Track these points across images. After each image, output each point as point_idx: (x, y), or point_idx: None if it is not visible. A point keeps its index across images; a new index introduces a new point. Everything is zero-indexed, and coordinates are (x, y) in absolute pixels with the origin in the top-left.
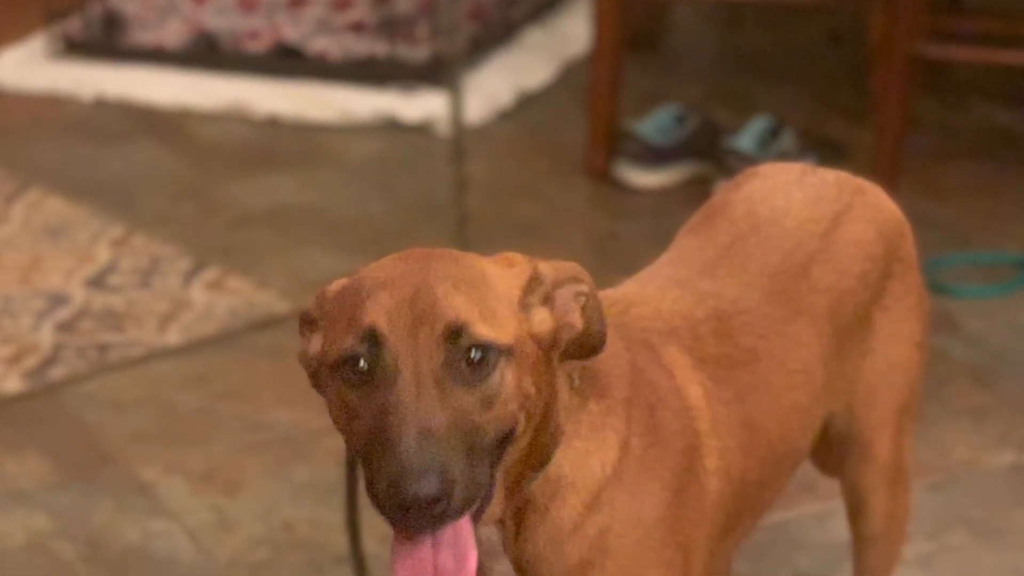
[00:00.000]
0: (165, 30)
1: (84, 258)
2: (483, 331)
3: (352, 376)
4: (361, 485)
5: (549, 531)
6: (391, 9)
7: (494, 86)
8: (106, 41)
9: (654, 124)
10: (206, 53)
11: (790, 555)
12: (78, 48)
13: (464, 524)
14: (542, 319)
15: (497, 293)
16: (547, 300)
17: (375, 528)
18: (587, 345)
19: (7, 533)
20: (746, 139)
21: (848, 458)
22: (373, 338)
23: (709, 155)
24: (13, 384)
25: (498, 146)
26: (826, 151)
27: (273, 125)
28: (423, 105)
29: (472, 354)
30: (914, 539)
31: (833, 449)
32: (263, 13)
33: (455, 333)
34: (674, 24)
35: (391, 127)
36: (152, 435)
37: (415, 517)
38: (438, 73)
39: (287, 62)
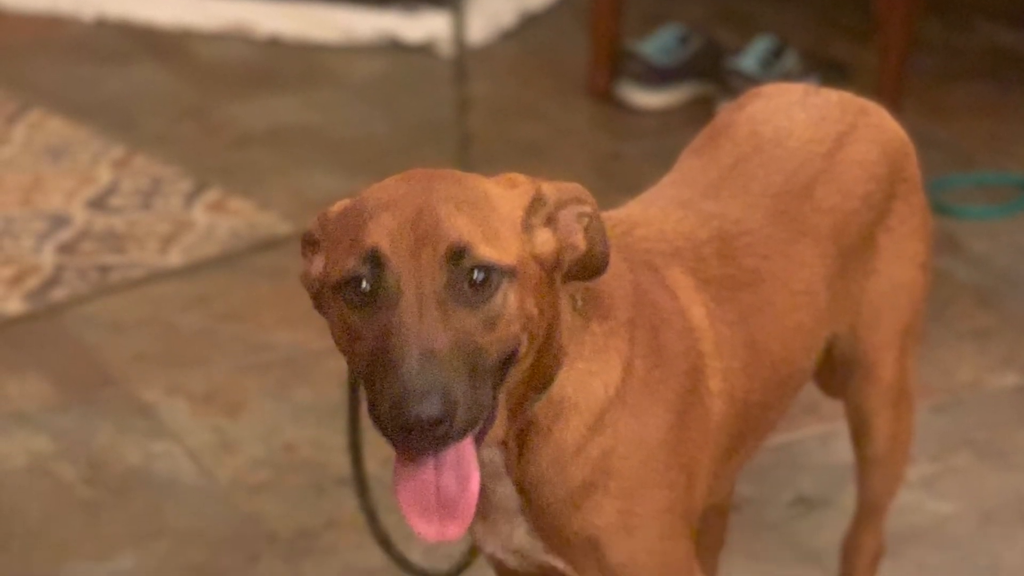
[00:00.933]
0: None
1: (85, 179)
2: (486, 252)
3: (354, 297)
4: (363, 407)
5: (552, 453)
6: None
7: (496, 6)
8: None
9: (657, 44)
10: None
11: (793, 477)
12: None
13: (466, 446)
14: (545, 240)
15: (500, 214)
16: (550, 221)
17: (377, 450)
18: (590, 266)
19: (8, 455)
20: (749, 59)
21: (852, 380)
22: (375, 259)
23: (712, 75)
24: (14, 305)
25: (500, 66)
26: (829, 72)
27: (274, 45)
28: (425, 25)
29: (475, 275)
30: (917, 461)
31: (837, 371)
32: None
33: (458, 254)
34: None
35: (393, 47)
36: (153, 356)
37: (417, 439)
38: None
39: None
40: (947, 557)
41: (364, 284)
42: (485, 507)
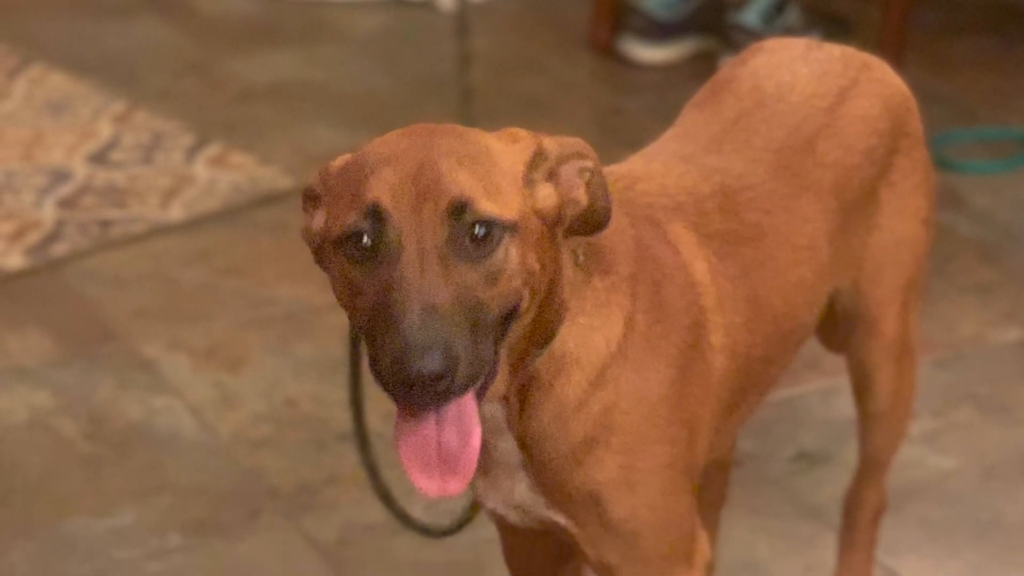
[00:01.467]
0: None
1: (86, 134)
2: (487, 207)
3: (355, 252)
4: (365, 362)
5: (554, 408)
6: None
7: None
8: None
9: None
10: None
11: (795, 432)
12: None
13: (468, 401)
14: (546, 195)
15: (501, 169)
16: (551, 176)
17: (379, 405)
18: (592, 221)
19: (9, 410)
20: (751, 14)
21: (854, 335)
22: (376, 214)
23: (714, 30)
24: (15, 260)
25: (502, 21)
26: (831, 26)
27: (277, 0)
28: None
29: (476, 230)
30: (920, 416)
31: (839, 326)
32: None
33: (459, 209)
34: None
35: (395, 2)
36: (154, 311)
37: (419, 394)
38: None
39: None
40: (949, 512)
41: (365, 239)
42: (486, 463)
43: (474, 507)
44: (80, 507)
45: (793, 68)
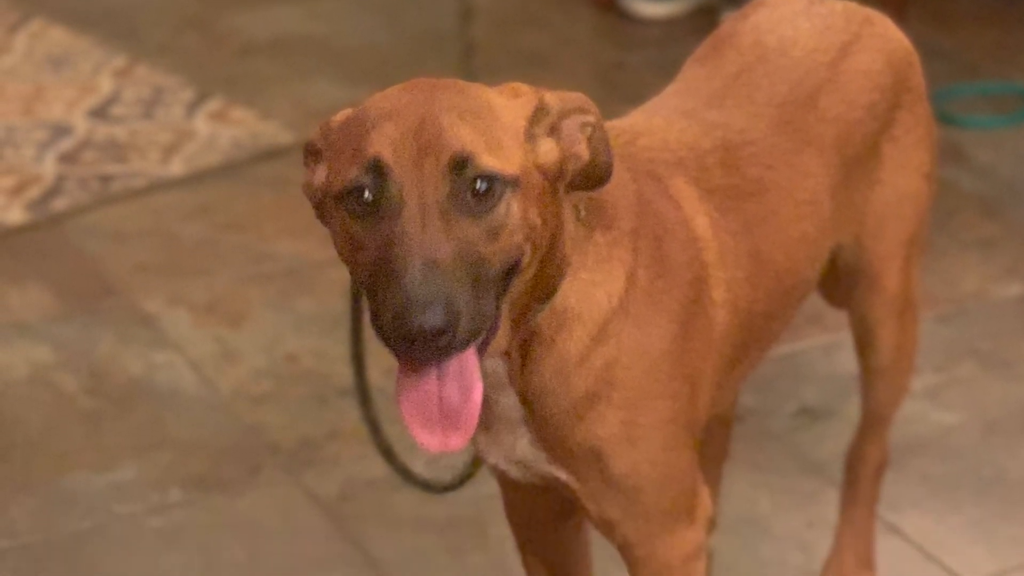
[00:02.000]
0: None
1: (87, 89)
2: (489, 162)
3: (356, 207)
4: (366, 317)
5: (555, 363)
6: None
7: None
8: None
9: None
10: None
11: (797, 387)
12: None
13: (469, 356)
14: (548, 150)
15: (503, 123)
16: (553, 131)
17: (380, 360)
18: (593, 176)
19: (9, 365)
20: None
21: (856, 290)
22: (378, 169)
23: None
24: (15, 215)
25: None
26: None
27: None
28: None
29: (478, 185)
30: (922, 371)
31: (841, 281)
32: None
33: (460, 164)
34: None
35: None
36: (155, 266)
37: (420, 349)
38: None
39: None
40: (951, 467)
41: (366, 194)
42: (488, 418)
43: (475, 463)
44: (80, 462)
45: (795, 23)
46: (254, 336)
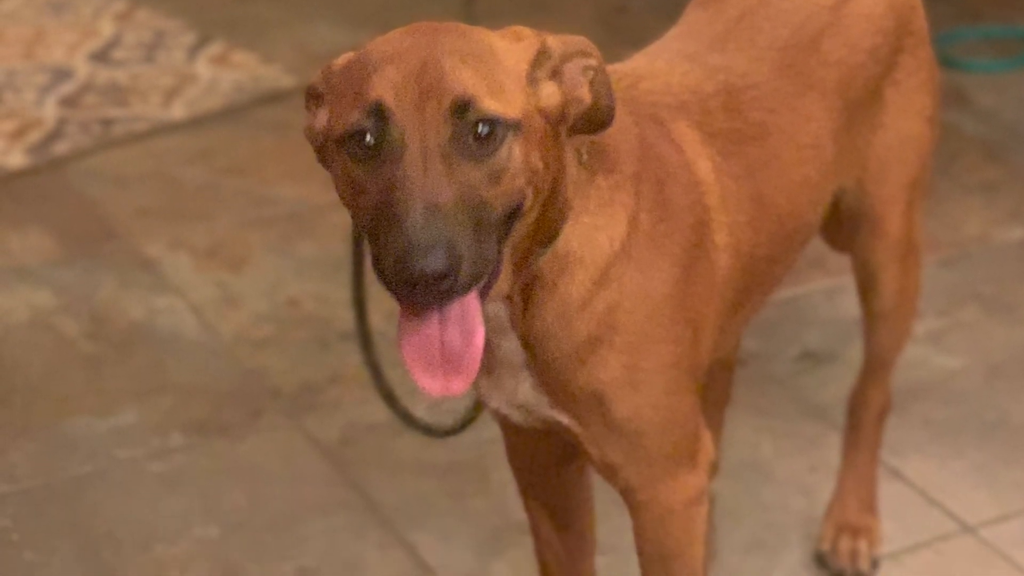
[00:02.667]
0: None
1: (87, 32)
2: (491, 105)
3: (358, 151)
4: (367, 261)
5: (557, 307)
6: None
7: None
8: None
9: None
10: None
11: (800, 331)
12: None
13: (471, 300)
14: (550, 93)
15: (505, 67)
16: (555, 74)
17: (381, 304)
18: (595, 120)
19: (11, 309)
20: None
21: (859, 234)
22: (379, 112)
23: None
24: (16, 159)
25: None
26: None
27: None
28: None
29: (479, 129)
30: (925, 315)
31: (843, 225)
32: None
33: (462, 107)
34: None
35: None
36: (156, 210)
37: (422, 293)
38: None
39: None
40: (954, 412)
41: (368, 138)
42: (490, 362)
43: (477, 407)
44: (81, 407)
45: None
46: (255, 280)
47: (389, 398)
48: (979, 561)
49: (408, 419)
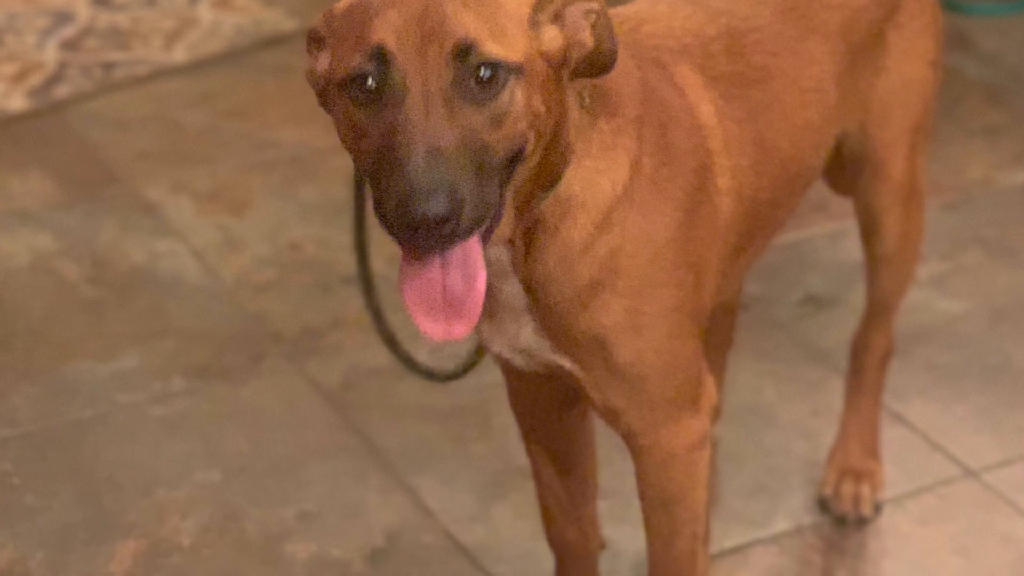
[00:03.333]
0: None
1: None
2: (492, 49)
3: (360, 95)
4: (369, 205)
5: (559, 251)
6: None
7: None
8: None
9: None
10: None
11: (802, 275)
12: None
13: (473, 244)
14: (552, 37)
15: (507, 10)
16: (557, 17)
17: (383, 248)
18: (597, 63)
19: (12, 253)
20: None
21: (861, 177)
22: (381, 56)
23: None
24: (17, 103)
25: None
26: None
27: None
28: None
29: (481, 72)
30: (928, 259)
31: (846, 169)
32: None
33: (464, 51)
34: None
35: None
36: (158, 154)
37: (424, 237)
38: None
39: None
40: (957, 356)
41: (370, 81)
42: (492, 306)
43: (479, 351)
44: (83, 351)
45: None
46: (257, 224)
47: (391, 342)
48: (982, 505)
49: (410, 363)
